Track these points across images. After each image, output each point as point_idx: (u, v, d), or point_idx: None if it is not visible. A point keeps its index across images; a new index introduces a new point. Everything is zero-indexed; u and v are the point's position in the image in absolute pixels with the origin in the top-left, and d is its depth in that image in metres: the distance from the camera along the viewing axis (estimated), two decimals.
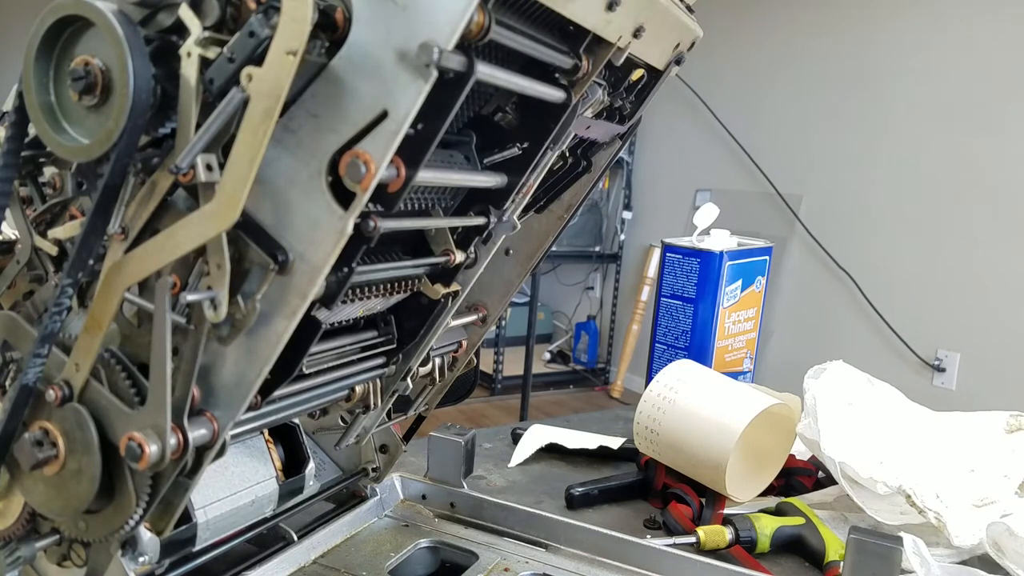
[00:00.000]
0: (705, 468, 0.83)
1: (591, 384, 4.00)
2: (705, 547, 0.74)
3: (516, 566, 0.67)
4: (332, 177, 0.35)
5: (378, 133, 0.33)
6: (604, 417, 1.21)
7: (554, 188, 0.61)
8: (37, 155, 0.44)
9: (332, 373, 0.52)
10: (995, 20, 2.49)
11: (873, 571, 0.61)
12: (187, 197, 0.39)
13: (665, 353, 1.20)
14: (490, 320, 0.66)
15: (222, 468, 0.59)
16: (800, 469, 0.93)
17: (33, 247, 0.45)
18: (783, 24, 3.19)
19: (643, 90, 0.58)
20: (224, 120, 0.34)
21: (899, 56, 2.77)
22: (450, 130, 0.51)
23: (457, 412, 3.15)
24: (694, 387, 0.88)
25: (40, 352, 0.41)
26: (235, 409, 0.39)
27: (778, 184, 3.15)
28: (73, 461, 0.41)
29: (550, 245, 0.65)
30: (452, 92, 0.36)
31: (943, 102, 2.64)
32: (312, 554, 0.64)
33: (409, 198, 0.49)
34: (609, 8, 0.42)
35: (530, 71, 0.45)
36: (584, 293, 4.26)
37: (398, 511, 0.75)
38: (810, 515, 0.79)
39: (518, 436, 1.03)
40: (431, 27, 0.32)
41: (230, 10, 0.35)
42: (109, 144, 0.36)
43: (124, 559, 0.45)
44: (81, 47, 0.37)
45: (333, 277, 0.41)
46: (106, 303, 0.39)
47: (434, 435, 0.76)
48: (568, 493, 0.86)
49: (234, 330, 0.38)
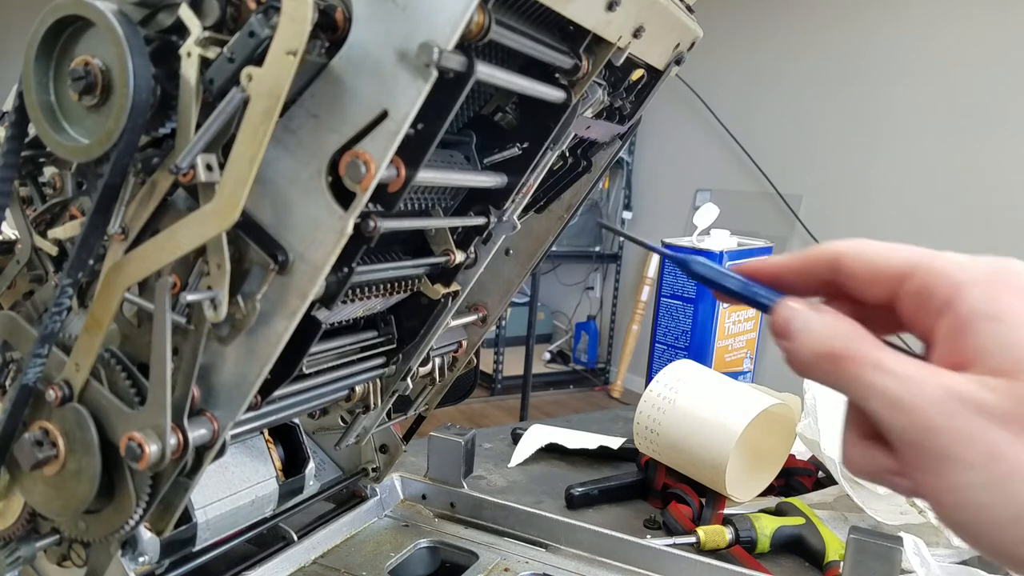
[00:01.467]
0: (705, 468, 0.83)
1: (591, 384, 4.00)
2: (705, 547, 0.74)
3: (516, 566, 0.67)
4: (332, 177, 0.35)
5: (378, 133, 0.33)
6: (604, 417, 1.21)
7: (554, 188, 0.61)
8: (37, 155, 0.44)
9: (332, 373, 0.52)
10: (995, 20, 2.49)
11: (873, 571, 0.61)
12: (187, 197, 0.39)
13: (665, 353, 1.20)
14: (490, 320, 0.66)
15: (222, 468, 0.59)
16: (800, 469, 0.93)
17: (33, 247, 0.45)
18: (783, 24, 3.20)
19: (643, 90, 0.58)
20: (224, 120, 0.34)
21: (899, 56, 2.77)
22: (450, 130, 0.51)
23: (457, 412, 3.15)
24: (694, 387, 0.88)
25: (40, 352, 0.41)
26: (235, 409, 0.39)
27: (778, 184, 3.15)
28: (73, 461, 0.41)
29: (550, 245, 0.65)
30: (452, 92, 0.36)
31: (943, 102, 2.64)
32: (312, 554, 0.64)
33: (409, 198, 0.49)
34: (609, 8, 0.42)
35: (530, 71, 0.45)
36: (584, 293, 4.26)
37: (398, 511, 0.75)
38: (810, 515, 0.79)
39: (518, 436, 1.03)
40: (431, 27, 0.32)
41: (230, 10, 0.35)
42: (109, 144, 0.36)
43: (124, 559, 0.45)
44: (81, 47, 0.37)
45: (333, 277, 0.41)
46: (106, 303, 0.39)
47: (434, 435, 0.77)
48: (568, 493, 0.86)
49: (234, 330, 0.38)
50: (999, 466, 0.24)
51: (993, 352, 0.26)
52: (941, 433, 0.25)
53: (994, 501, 0.25)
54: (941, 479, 0.25)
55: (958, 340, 0.27)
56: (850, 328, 0.29)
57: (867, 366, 0.28)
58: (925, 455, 0.26)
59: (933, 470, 0.26)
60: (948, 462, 0.25)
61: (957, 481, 0.25)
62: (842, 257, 0.31)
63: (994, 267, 0.28)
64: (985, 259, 0.28)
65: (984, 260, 0.28)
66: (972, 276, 0.28)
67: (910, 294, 0.29)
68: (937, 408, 0.25)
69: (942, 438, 0.25)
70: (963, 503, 0.25)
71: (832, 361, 0.29)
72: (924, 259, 0.29)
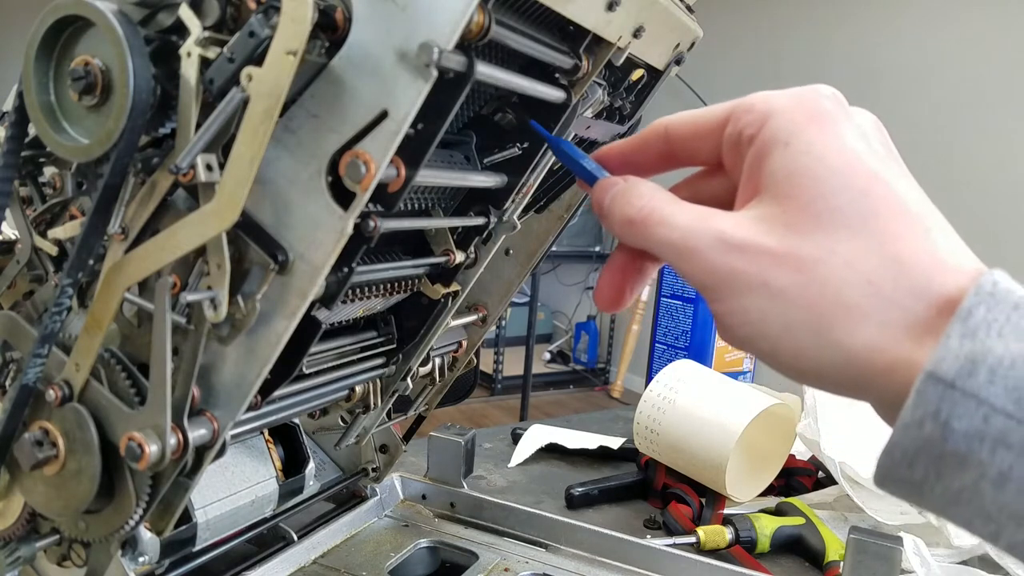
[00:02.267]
0: (705, 468, 0.83)
1: (591, 384, 4.00)
2: (705, 547, 0.74)
3: (516, 566, 0.67)
4: (332, 177, 0.35)
5: (378, 133, 0.33)
6: (604, 417, 1.21)
7: (554, 188, 0.61)
8: (37, 155, 0.44)
9: (332, 373, 0.52)
10: (995, 20, 2.49)
11: (873, 571, 0.61)
12: (187, 197, 0.39)
13: (665, 353, 1.20)
14: (490, 320, 0.66)
15: (222, 468, 0.59)
16: (800, 469, 0.93)
17: (33, 247, 0.45)
18: (783, 24, 3.20)
19: (643, 90, 0.58)
20: (224, 120, 0.34)
21: (899, 56, 2.77)
22: (450, 130, 0.51)
23: (457, 412, 3.15)
24: (694, 387, 0.88)
25: (40, 352, 0.41)
26: (235, 409, 0.39)
27: None
28: (73, 461, 0.41)
29: (550, 245, 0.64)
30: (452, 92, 0.36)
31: (943, 102, 2.64)
32: (312, 554, 0.64)
33: (409, 198, 0.49)
34: (609, 8, 0.42)
35: (530, 71, 0.45)
36: (584, 293, 4.26)
37: (398, 511, 0.75)
38: (810, 515, 0.79)
39: (518, 436, 1.03)
40: (431, 27, 0.32)
41: (230, 10, 0.35)
42: (109, 144, 0.36)
43: (124, 559, 0.45)
44: (81, 47, 0.37)
45: (333, 277, 0.41)
46: (106, 303, 0.39)
47: (434, 435, 0.77)
48: (568, 493, 0.86)
49: (234, 330, 0.38)
50: (766, 289, 0.28)
51: (779, 179, 0.28)
52: (716, 271, 0.29)
53: (763, 319, 0.28)
54: (723, 305, 0.29)
55: (754, 169, 0.30)
56: (647, 192, 0.32)
57: (654, 224, 0.31)
58: (709, 289, 0.29)
59: (717, 299, 0.29)
60: (725, 291, 0.29)
61: (734, 305, 0.29)
62: (669, 124, 0.34)
63: (797, 93, 0.30)
64: (795, 88, 0.30)
65: (794, 89, 0.30)
66: (775, 106, 0.29)
67: (729, 139, 0.31)
68: (710, 251, 0.29)
69: (718, 275, 0.29)
70: (742, 323, 0.29)
71: (631, 225, 0.32)
72: (739, 101, 0.31)
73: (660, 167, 0.36)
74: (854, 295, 0.26)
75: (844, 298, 0.26)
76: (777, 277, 0.27)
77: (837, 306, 0.26)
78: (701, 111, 0.33)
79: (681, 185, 0.36)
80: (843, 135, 0.28)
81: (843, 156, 0.28)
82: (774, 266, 0.27)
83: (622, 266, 0.35)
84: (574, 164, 0.37)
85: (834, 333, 0.27)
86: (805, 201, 0.28)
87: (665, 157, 0.35)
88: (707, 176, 0.35)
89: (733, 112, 0.31)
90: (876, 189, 0.27)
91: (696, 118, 0.33)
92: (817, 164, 0.28)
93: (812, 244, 0.27)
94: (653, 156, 0.35)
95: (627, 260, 0.35)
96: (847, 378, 0.27)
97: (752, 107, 0.30)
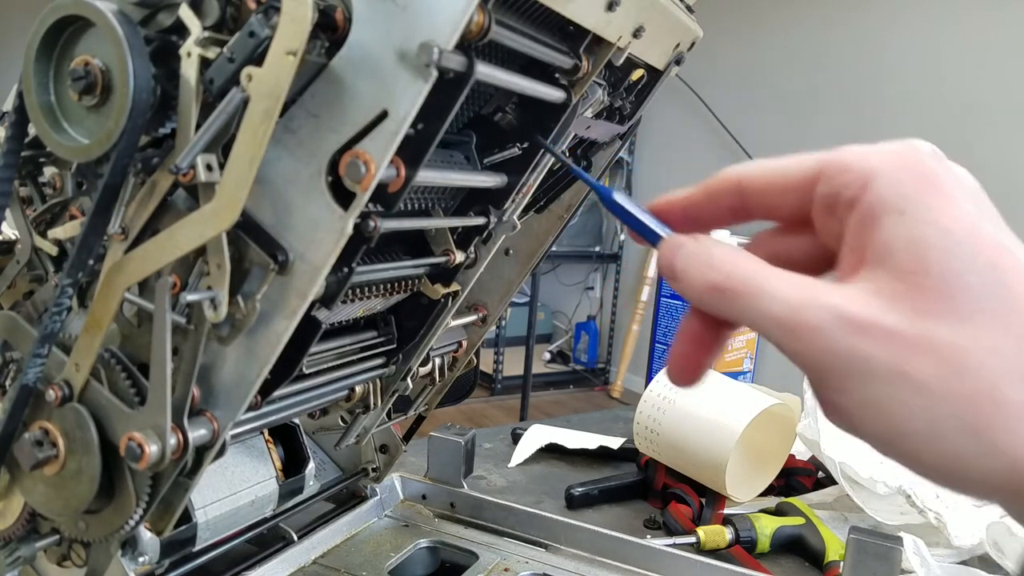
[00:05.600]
0: (705, 468, 0.83)
1: (591, 384, 4.00)
2: (705, 547, 0.74)
3: (516, 566, 0.67)
4: (332, 177, 0.35)
5: (378, 133, 0.33)
6: (604, 417, 1.21)
7: (554, 188, 0.61)
8: (37, 155, 0.44)
9: (332, 373, 0.52)
10: (996, 20, 2.49)
11: (873, 571, 0.61)
12: (187, 197, 0.39)
13: (665, 353, 1.19)
14: (490, 320, 0.66)
15: (222, 468, 0.59)
16: (800, 469, 0.93)
17: (33, 247, 0.45)
18: (783, 24, 3.19)
19: (643, 90, 0.58)
20: (224, 120, 0.34)
21: (899, 56, 2.77)
22: (450, 130, 0.51)
23: (457, 412, 3.15)
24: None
25: (40, 352, 0.41)
26: (235, 409, 0.39)
27: None
28: (73, 461, 0.41)
29: (550, 245, 0.65)
30: (452, 92, 0.36)
31: (943, 102, 2.64)
32: (312, 554, 0.64)
33: (409, 198, 0.49)
34: (609, 8, 0.42)
35: (530, 71, 0.45)
36: (584, 293, 4.26)
37: (398, 511, 0.75)
38: (810, 515, 0.79)
39: (518, 436, 1.03)
40: (431, 27, 0.32)
41: (230, 10, 0.35)
42: (109, 144, 0.36)
43: (124, 559, 0.45)
44: (81, 47, 0.37)
45: (333, 277, 0.41)
46: (106, 303, 0.39)
47: (434, 435, 0.77)
48: (568, 493, 0.86)
49: (234, 330, 0.38)
50: (906, 381, 0.24)
51: (896, 251, 0.25)
52: (837, 354, 0.25)
53: (907, 415, 0.24)
54: (848, 396, 0.25)
55: (863, 236, 0.26)
56: (731, 256, 0.28)
57: (753, 295, 0.26)
58: (827, 374, 0.25)
59: (839, 389, 0.25)
60: (851, 379, 0.25)
61: (863, 397, 0.24)
62: (743, 177, 0.30)
63: (901, 153, 0.26)
64: (891, 144, 0.27)
65: (890, 146, 0.27)
66: (878, 166, 0.26)
67: (822, 200, 0.28)
68: (830, 330, 0.25)
69: (839, 358, 0.25)
70: (875, 417, 0.25)
71: (719, 293, 0.27)
72: (830, 158, 0.28)
73: (729, 222, 0.32)
74: (1009, 391, 0.23)
75: (999, 394, 0.23)
76: (919, 367, 0.24)
77: (992, 403, 0.23)
78: (781, 163, 0.29)
79: (754, 244, 0.32)
80: (958, 200, 0.25)
81: (963, 224, 0.25)
82: (912, 353, 0.24)
83: (696, 336, 0.31)
84: (630, 219, 0.32)
85: (993, 435, 0.23)
86: (933, 277, 0.24)
87: (737, 212, 0.31)
88: (786, 235, 0.31)
89: (824, 170, 0.27)
90: (1004, 261, 0.24)
91: (776, 172, 0.29)
92: (941, 235, 0.24)
93: (948, 329, 0.24)
94: (723, 210, 0.31)
95: (702, 329, 0.31)
96: (1010, 486, 0.24)
97: (848, 166, 0.27)
